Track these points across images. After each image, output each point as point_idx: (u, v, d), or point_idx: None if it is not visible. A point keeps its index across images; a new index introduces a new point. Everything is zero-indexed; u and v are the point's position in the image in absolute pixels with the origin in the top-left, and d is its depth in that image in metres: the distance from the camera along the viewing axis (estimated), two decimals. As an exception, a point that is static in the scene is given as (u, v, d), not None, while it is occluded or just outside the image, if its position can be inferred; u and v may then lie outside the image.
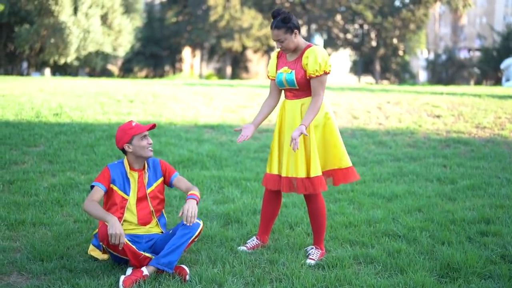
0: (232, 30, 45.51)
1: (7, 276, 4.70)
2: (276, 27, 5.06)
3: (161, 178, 5.23)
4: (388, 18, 46.12)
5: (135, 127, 5.05)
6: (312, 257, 5.19)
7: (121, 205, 5.06)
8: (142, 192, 5.13)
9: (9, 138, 9.36)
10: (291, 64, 5.19)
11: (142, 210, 5.12)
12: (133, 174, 5.11)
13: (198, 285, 4.55)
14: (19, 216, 6.10)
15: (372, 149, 10.07)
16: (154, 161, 5.27)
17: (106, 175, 5.06)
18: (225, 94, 15.42)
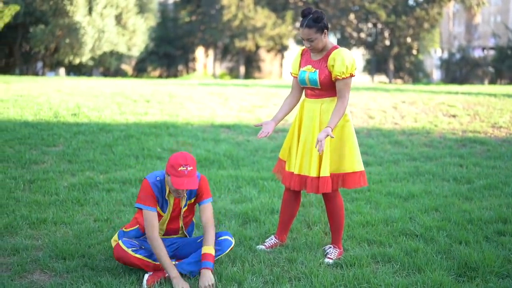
0: (246, 29, 45.52)
1: (30, 274, 4.78)
2: (307, 26, 5.02)
3: (194, 197, 5.04)
4: (401, 17, 45.97)
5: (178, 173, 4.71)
6: (330, 256, 5.23)
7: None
8: (176, 211, 5.02)
9: (29, 138, 9.49)
10: (315, 63, 5.18)
11: (172, 226, 5.08)
12: (170, 197, 4.94)
13: (219, 283, 4.61)
14: (41, 215, 6.19)
15: (388, 149, 10.12)
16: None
17: (152, 195, 4.84)
18: (241, 94, 15.49)
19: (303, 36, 5.07)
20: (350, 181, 5.23)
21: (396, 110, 13.23)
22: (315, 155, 5.15)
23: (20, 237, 5.58)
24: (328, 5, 47.22)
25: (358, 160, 5.27)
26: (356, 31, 49.10)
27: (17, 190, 7.14)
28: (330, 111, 5.14)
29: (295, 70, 5.38)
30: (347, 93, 5.12)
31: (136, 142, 9.76)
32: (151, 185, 4.88)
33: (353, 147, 5.23)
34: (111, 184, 7.54)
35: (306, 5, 47.97)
